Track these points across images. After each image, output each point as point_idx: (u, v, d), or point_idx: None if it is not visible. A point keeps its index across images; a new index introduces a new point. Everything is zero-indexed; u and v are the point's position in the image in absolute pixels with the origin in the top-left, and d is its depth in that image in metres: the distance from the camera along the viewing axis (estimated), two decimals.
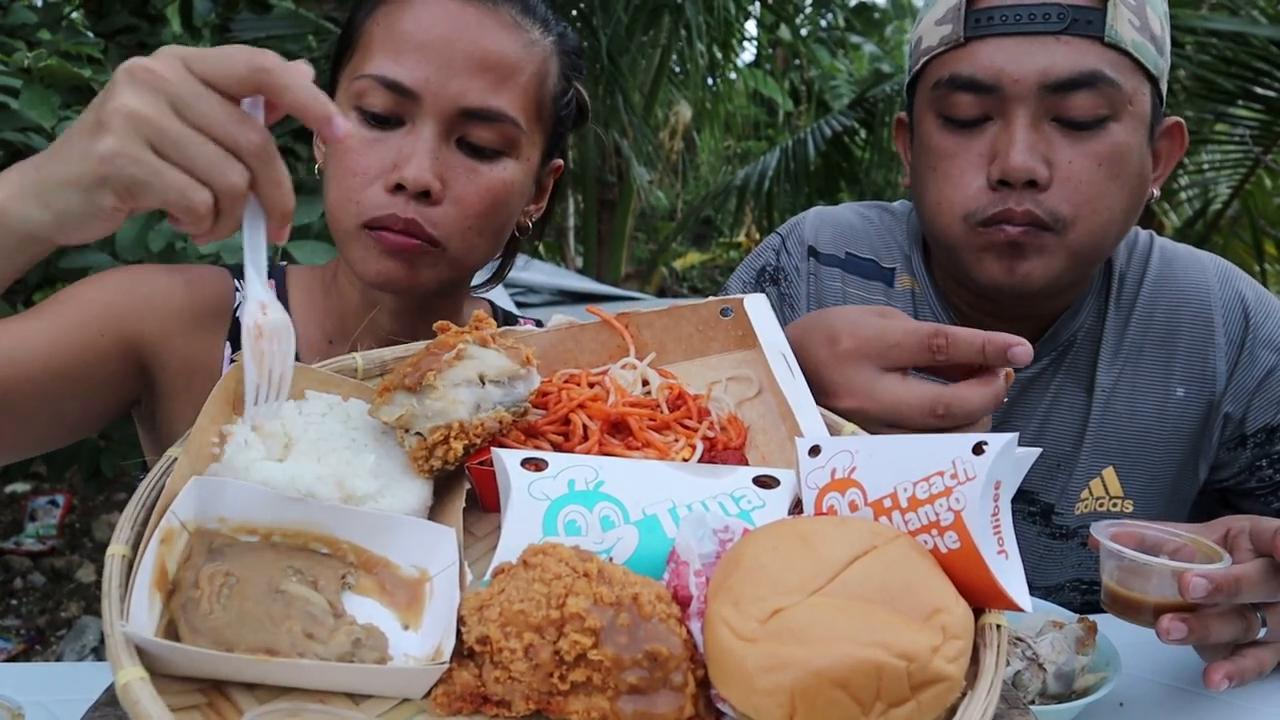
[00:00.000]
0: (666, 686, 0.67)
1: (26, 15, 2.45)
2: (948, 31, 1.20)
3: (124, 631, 0.64)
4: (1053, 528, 1.39)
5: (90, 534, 4.25)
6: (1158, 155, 1.27)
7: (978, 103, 1.18)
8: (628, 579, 0.70)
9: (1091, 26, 1.15)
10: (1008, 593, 0.72)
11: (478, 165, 1.10)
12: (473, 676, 0.69)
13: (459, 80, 1.06)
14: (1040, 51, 1.15)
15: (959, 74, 1.19)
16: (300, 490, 0.78)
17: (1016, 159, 1.15)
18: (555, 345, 1.01)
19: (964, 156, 1.20)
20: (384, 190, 1.07)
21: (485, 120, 1.08)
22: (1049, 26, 1.15)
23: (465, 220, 1.10)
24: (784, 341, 0.98)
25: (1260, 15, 4.68)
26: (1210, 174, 5.28)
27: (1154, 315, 1.36)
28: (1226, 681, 1.02)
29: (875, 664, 0.63)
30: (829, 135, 6.14)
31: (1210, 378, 1.34)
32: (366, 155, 1.08)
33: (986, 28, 1.17)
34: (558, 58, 1.16)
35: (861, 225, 1.45)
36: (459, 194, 1.09)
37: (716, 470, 0.86)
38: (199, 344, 1.19)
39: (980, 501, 0.71)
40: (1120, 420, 1.36)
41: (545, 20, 1.16)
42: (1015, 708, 0.82)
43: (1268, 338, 1.34)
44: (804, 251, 1.43)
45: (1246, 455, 1.36)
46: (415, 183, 1.05)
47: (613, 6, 5.02)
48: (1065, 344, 1.35)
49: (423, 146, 1.06)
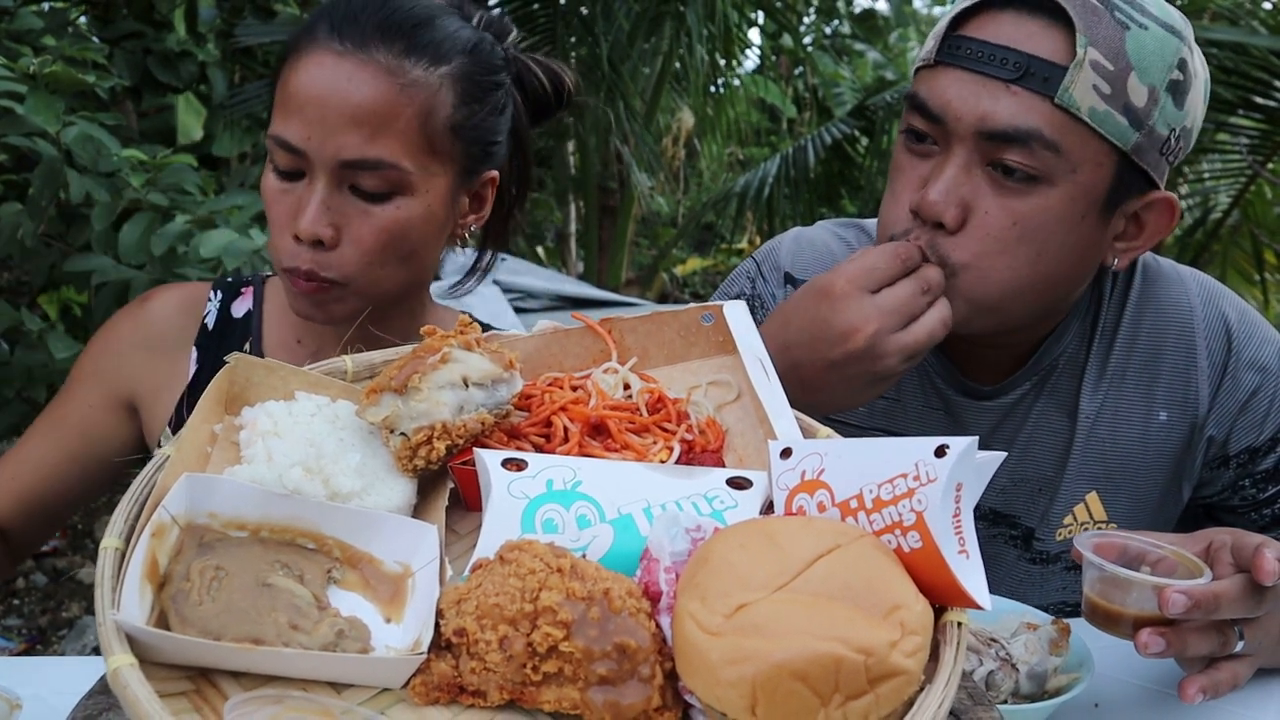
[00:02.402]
0: (635, 678, 0.70)
1: (33, 21, 2.49)
2: (930, 48, 1.20)
3: (115, 620, 0.66)
4: (1033, 553, 1.39)
5: (92, 535, 4.28)
6: (1140, 226, 1.23)
7: (930, 128, 1.17)
8: (600, 574, 0.73)
9: (1046, 84, 1.09)
10: (968, 591, 0.75)
11: (369, 208, 1.17)
12: (450, 667, 0.72)
13: (336, 137, 1.14)
14: (987, 96, 1.12)
15: (918, 95, 1.18)
16: (287, 488, 0.81)
17: (931, 196, 1.14)
18: (540, 350, 1.03)
19: (909, 175, 1.20)
20: (291, 238, 1.18)
21: (366, 169, 1.15)
22: (1003, 72, 1.11)
23: (365, 258, 1.18)
24: (762, 348, 1.01)
25: (1260, 26, 4.71)
26: (1210, 183, 5.30)
27: (1137, 339, 1.34)
28: (1201, 695, 1.03)
29: (834, 657, 0.66)
30: (830, 142, 6.17)
31: (1193, 401, 1.33)
32: (279, 205, 1.19)
33: (953, 56, 1.15)
34: (456, 85, 1.19)
35: (839, 248, 1.43)
36: (355, 235, 1.18)
37: (691, 471, 0.88)
38: (163, 365, 1.35)
39: (941, 502, 0.74)
40: (1104, 445, 1.35)
41: (436, 51, 1.18)
42: (980, 704, 0.85)
43: (1250, 359, 1.32)
44: (779, 278, 1.42)
45: (1229, 475, 1.36)
46: (307, 234, 1.16)
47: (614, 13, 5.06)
48: (1047, 369, 1.34)
49: (314, 199, 1.16)
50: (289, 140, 1.15)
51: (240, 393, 0.91)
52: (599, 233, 7.38)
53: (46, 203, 2.04)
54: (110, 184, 2.04)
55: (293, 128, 1.15)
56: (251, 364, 0.91)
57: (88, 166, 2.04)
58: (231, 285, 1.40)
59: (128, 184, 2.03)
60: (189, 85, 3.46)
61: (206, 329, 1.36)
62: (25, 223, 2.06)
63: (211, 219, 2.01)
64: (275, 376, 0.91)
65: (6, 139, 2.01)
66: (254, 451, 0.83)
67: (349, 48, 1.15)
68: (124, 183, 2.04)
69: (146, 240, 1.98)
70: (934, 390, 1.36)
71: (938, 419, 1.36)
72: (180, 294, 1.40)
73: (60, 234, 2.23)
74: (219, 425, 0.89)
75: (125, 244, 1.98)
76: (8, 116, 1.97)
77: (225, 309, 1.38)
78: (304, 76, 1.16)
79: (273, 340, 1.37)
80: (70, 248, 2.20)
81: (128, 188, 2.03)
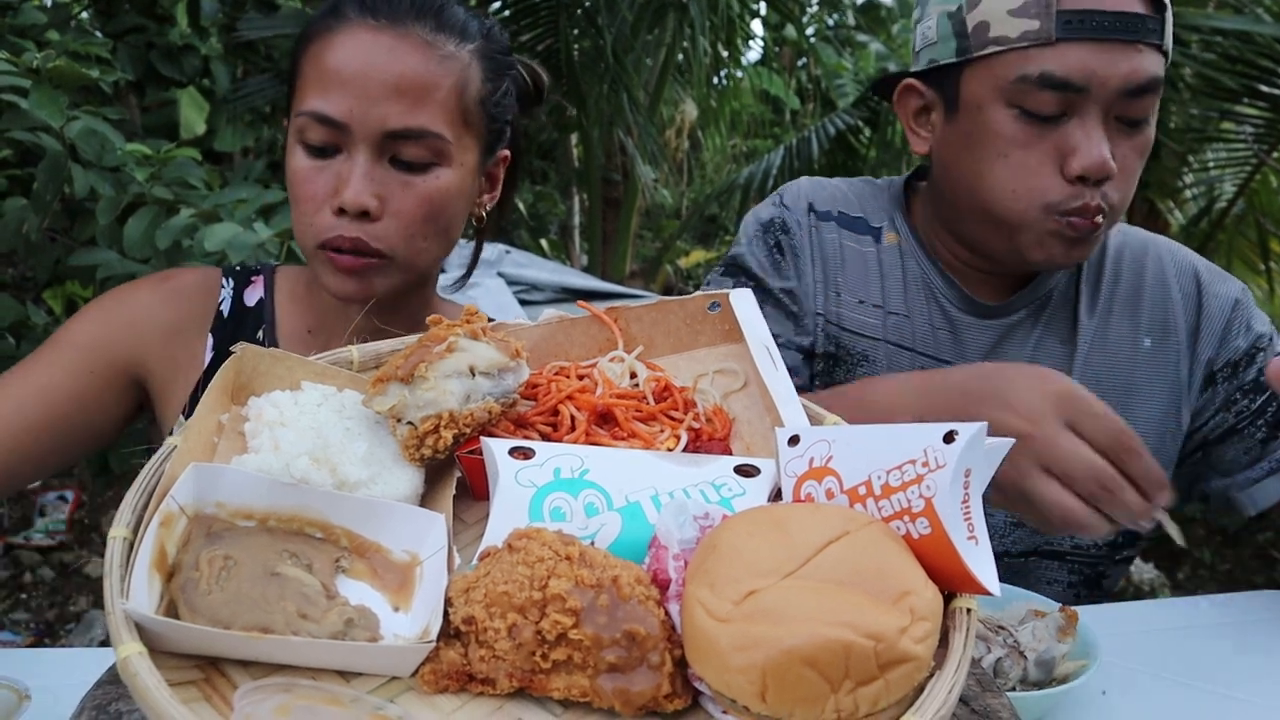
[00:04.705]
0: (644, 665, 0.70)
1: (36, 16, 2.48)
2: (1034, 27, 1.26)
3: (124, 609, 0.66)
4: None
5: (99, 529, 4.30)
6: None
7: (1061, 100, 1.26)
8: (608, 562, 0.73)
9: (1154, 35, 1.26)
10: (977, 577, 0.74)
11: (411, 179, 1.19)
12: (458, 655, 0.72)
13: (380, 107, 1.16)
14: (1123, 58, 1.25)
15: (1051, 73, 1.25)
16: (295, 477, 0.81)
17: (1102, 158, 1.26)
18: (546, 339, 1.03)
19: (1039, 148, 1.29)
20: (331, 214, 1.18)
21: (410, 139, 1.18)
22: (1129, 35, 1.24)
23: (407, 230, 1.20)
24: (768, 335, 1.01)
25: (1265, 14, 4.67)
26: (1215, 172, 5.27)
27: (1120, 276, 1.50)
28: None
29: (844, 643, 0.66)
30: (833, 134, 6.14)
31: (1173, 328, 1.48)
32: (313, 183, 1.19)
33: (1078, 30, 1.24)
34: (480, 62, 1.24)
35: (849, 189, 1.56)
36: (397, 208, 1.19)
37: (699, 459, 0.88)
38: (182, 349, 1.32)
39: (950, 488, 0.74)
40: (1099, 372, 1.47)
41: (462, 30, 1.23)
42: (989, 690, 0.85)
43: (1217, 292, 1.49)
44: (804, 207, 1.52)
45: (1221, 392, 1.47)
46: (353, 205, 1.16)
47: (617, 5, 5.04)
48: (1043, 299, 1.47)
49: (358, 171, 1.17)
50: (329, 114, 1.16)
51: (247, 382, 0.91)
52: (603, 225, 7.37)
53: (51, 198, 2.03)
54: (114, 179, 2.04)
55: (333, 101, 1.16)
56: (258, 354, 0.91)
57: (92, 161, 2.03)
58: (241, 274, 1.40)
59: (132, 178, 2.03)
60: (192, 80, 3.45)
61: (221, 315, 1.36)
62: (30, 218, 2.06)
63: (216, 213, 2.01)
64: (282, 366, 0.91)
65: (10, 134, 2.01)
66: (261, 441, 0.83)
67: (384, 24, 1.18)
68: (128, 177, 2.04)
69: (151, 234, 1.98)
70: (939, 309, 1.48)
71: (943, 337, 1.47)
72: (198, 277, 1.39)
73: (65, 229, 2.23)
74: (226, 415, 0.89)
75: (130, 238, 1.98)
76: (11, 111, 1.97)
77: (239, 296, 1.37)
78: (342, 52, 1.17)
79: (285, 329, 1.37)
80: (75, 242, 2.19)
81: (132, 182, 2.03)
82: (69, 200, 2.15)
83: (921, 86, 1.42)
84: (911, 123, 1.45)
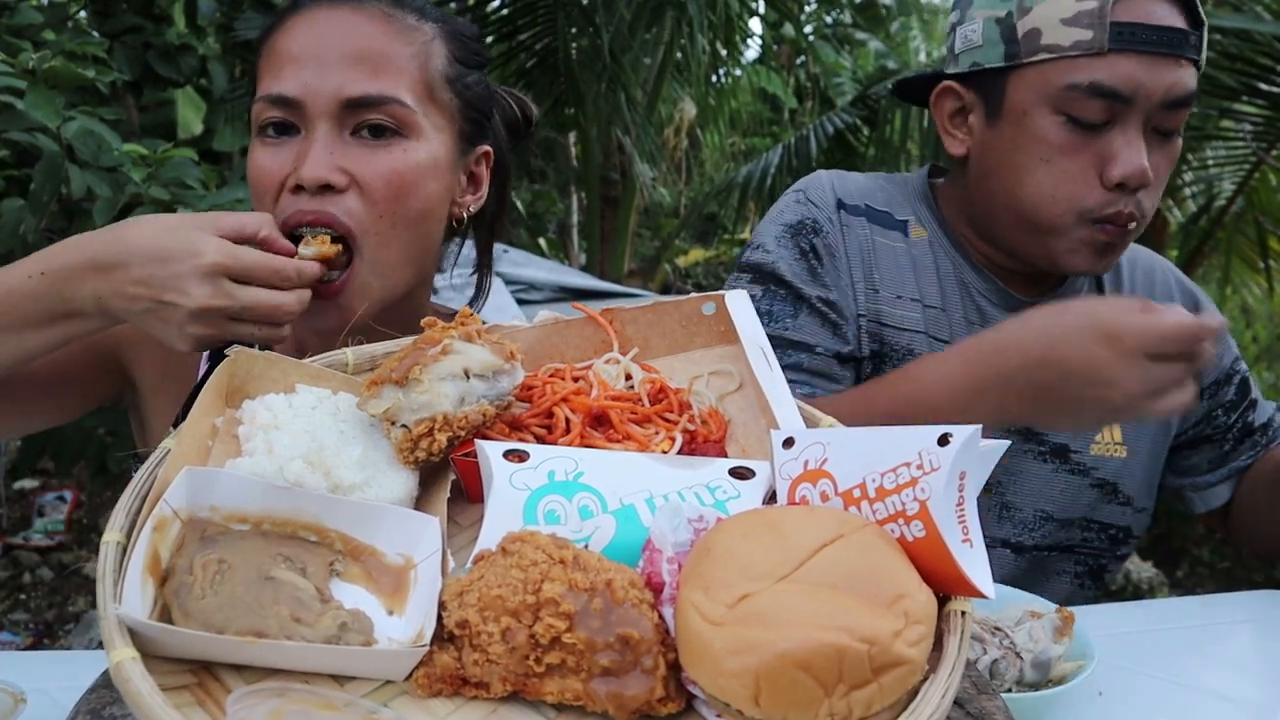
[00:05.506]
0: (638, 669, 0.70)
1: (33, 16, 2.48)
2: (1086, 37, 1.28)
3: (117, 613, 0.66)
4: (1071, 464, 1.52)
5: (97, 529, 4.30)
6: None
7: (1108, 109, 1.30)
8: (602, 565, 0.73)
9: (1194, 50, 1.31)
10: (971, 580, 0.74)
11: (376, 147, 1.13)
12: (452, 659, 0.72)
13: (335, 75, 1.11)
14: (1167, 71, 1.29)
15: (1102, 83, 1.28)
16: (289, 480, 0.81)
17: (1142, 166, 1.30)
18: (541, 340, 1.03)
19: (1082, 155, 1.32)
20: (289, 194, 1.12)
21: (370, 105, 1.12)
22: (1173, 49, 1.29)
23: (375, 208, 1.12)
24: (764, 337, 1.01)
25: (1264, 12, 4.67)
26: (1214, 170, 5.26)
27: (1135, 283, 1.58)
28: None
29: (837, 647, 0.66)
30: (832, 132, 6.14)
31: None
32: (268, 166, 1.13)
33: (1128, 42, 1.28)
34: (444, 41, 1.20)
35: (872, 183, 1.56)
36: (363, 179, 1.12)
37: (694, 462, 0.88)
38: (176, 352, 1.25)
39: (945, 491, 0.74)
40: None
41: (421, 9, 1.21)
42: (984, 692, 0.85)
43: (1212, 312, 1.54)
44: (832, 203, 1.50)
45: (1204, 406, 1.57)
46: (312, 179, 1.09)
47: (615, 4, 5.04)
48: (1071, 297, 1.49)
49: (316, 146, 1.10)
50: (282, 93, 1.11)
51: (241, 386, 0.91)
52: (601, 224, 7.37)
53: (48, 198, 2.03)
54: (112, 179, 2.04)
55: (286, 80, 1.12)
56: (252, 357, 0.91)
57: (89, 161, 2.03)
58: None
59: (129, 179, 2.03)
60: (189, 79, 3.45)
61: None
62: (27, 218, 2.06)
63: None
64: (276, 369, 0.91)
65: (7, 134, 2.01)
66: (255, 444, 0.83)
67: (339, 2, 1.15)
68: (125, 177, 2.04)
69: None
70: (973, 304, 1.49)
71: (978, 331, 1.46)
72: None
73: (62, 229, 2.23)
74: (219, 418, 0.89)
75: None
76: (8, 112, 1.97)
77: None
78: (296, 33, 1.14)
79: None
80: None
81: (129, 182, 2.03)
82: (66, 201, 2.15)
83: (961, 89, 1.42)
84: (947, 124, 1.45)
